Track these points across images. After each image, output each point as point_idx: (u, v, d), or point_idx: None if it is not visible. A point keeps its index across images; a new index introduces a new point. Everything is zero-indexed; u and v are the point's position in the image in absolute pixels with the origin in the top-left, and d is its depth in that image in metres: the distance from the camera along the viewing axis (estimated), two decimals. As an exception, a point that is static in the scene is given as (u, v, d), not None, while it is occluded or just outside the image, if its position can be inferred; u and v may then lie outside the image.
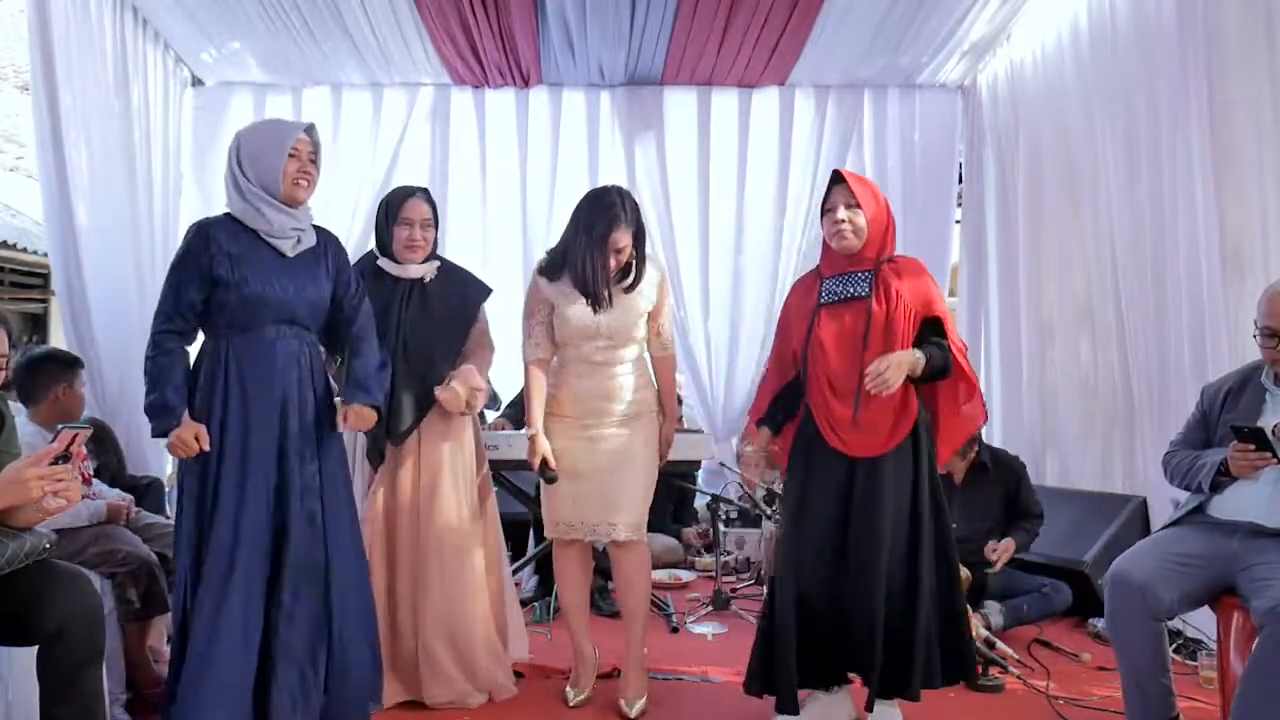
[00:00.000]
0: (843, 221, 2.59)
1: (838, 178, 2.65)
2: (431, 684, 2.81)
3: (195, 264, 2.39)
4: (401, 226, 2.86)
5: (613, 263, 2.74)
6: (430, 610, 2.81)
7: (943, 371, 2.56)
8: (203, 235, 2.42)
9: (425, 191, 2.96)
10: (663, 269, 2.94)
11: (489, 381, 3.08)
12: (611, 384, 2.82)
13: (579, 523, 2.80)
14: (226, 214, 2.48)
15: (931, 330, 2.59)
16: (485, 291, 3.04)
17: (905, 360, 2.47)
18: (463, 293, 2.97)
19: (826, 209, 2.65)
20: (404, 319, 2.84)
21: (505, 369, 3.46)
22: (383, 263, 2.90)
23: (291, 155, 2.43)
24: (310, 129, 2.49)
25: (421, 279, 2.89)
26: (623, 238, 2.73)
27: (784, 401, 2.78)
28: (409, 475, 2.87)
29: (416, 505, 2.85)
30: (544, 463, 2.78)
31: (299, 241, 2.50)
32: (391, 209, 2.89)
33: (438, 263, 2.94)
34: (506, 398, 4.65)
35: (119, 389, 4.09)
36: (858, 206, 2.59)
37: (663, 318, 2.89)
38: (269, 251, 2.45)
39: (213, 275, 2.39)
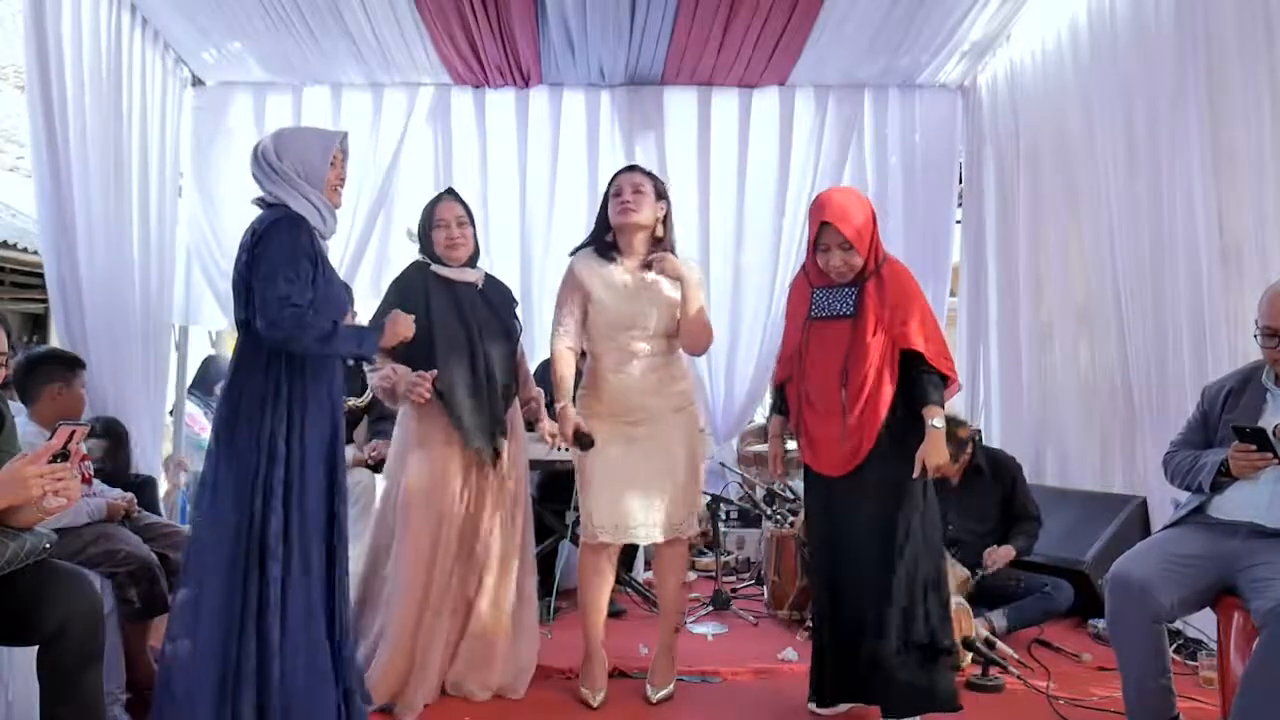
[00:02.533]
0: (839, 267, 2.63)
1: (822, 215, 2.62)
2: (463, 675, 2.88)
3: (308, 258, 2.37)
4: (438, 229, 2.95)
5: (628, 197, 2.83)
6: (480, 609, 2.89)
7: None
8: (307, 230, 2.40)
9: (452, 191, 3.06)
10: (694, 264, 2.97)
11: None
12: (651, 380, 2.85)
13: (617, 526, 2.82)
14: (287, 208, 2.42)
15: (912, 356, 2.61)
16: (515, 300, 3.22)
17: (936, 444, 2.53)
18: (508, 298, 3.12)
19: (820, 247, 2.65)
20: (481, 327, 2.91)
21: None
22: (438, 269, 2.96)
23: (332, 163, 2.49)
24: (345, 138, 2.56)
25: (476, 284, 2.97)
26: (634, 177, 2.88)
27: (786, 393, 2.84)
28: (474, 471, 2.91)
29: (471, 500, 2.91)
30: (577, 430, 2.79)
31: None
32: (426, 218, 2.99)
33: (484, 271, 3.05)
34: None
35: (114, 390, 4.07)
36: (852, 247, 2.61)
37: (690, 297, 2.86)
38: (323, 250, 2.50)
39: (314, 273, 2.39)
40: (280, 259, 2.32)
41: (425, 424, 2.90)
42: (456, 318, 2.89)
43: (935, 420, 2.55)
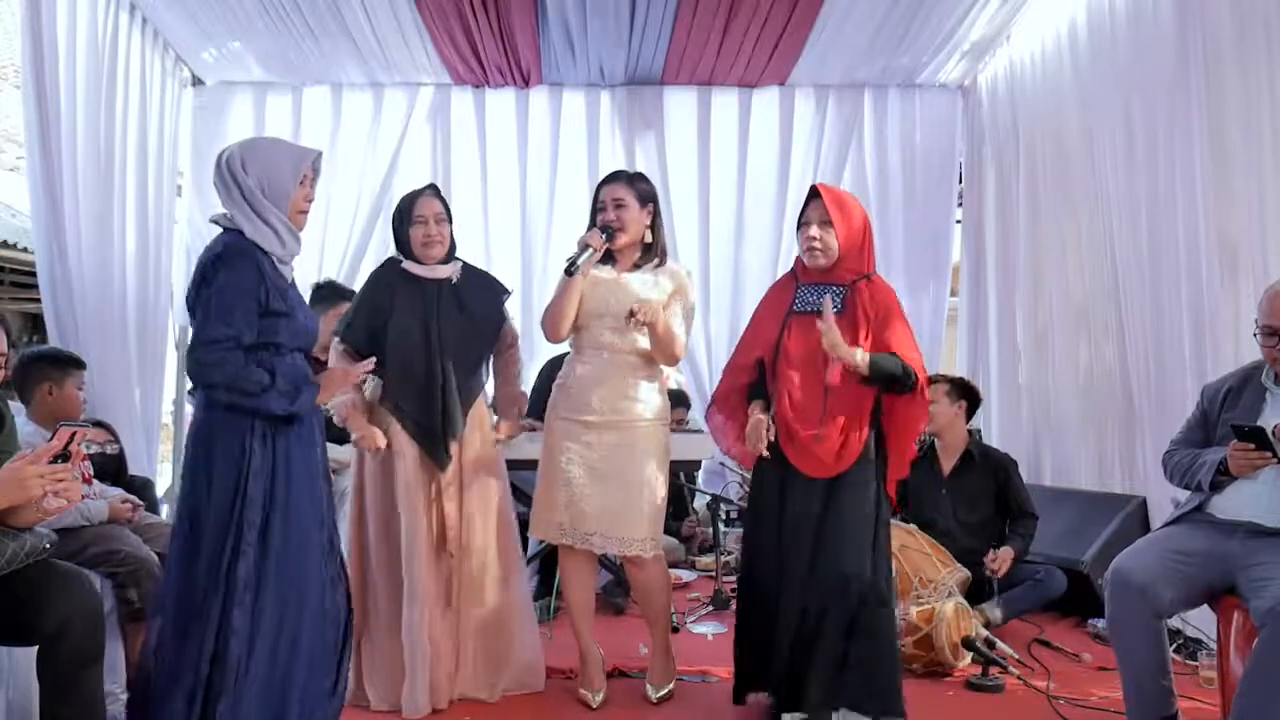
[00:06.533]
0: (814, 239, 2.63)
1: (815, 192, 2.67)
2: (466, 680, 2.87)
3: (254, 298, 2.22)
4: (416, 225, 2.88)
5: (612, 215, 2.81)
6: (462, 606, 2.87)
7: (892, 379, 2.55)
8: (253, 265, 2.23)
9: (434, 188, 2.98)
10: (685, 277, 2.93)
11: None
12: (619, 377, 2.81)
13: (574, 530, 2.80)
14: (240, 235, 2.28)
15: None
16: (506, 291, 3.08)
17: (844, 347, 2.49)
18: (489, 293, 3.01)
19: (801, 222, 2.69)
20: (443, 321, 2.86)
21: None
22: (408, 265, 2.91)
23: (301, 183, 2.33)
24: (319, 157, 2.40)
25: (448, 279, 2.91)
26: (616, 190, 2.84)
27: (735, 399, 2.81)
28: (451, 478, 2.87)
29: (455, 510, 2.87)
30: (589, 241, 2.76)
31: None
32: (404, 212, 2.92)
33: (460, 264, 2.97)
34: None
35: (104, 390, 4.03)
36: (830, 225, 2.62)
37: (668, 313, 2.82)
38: (284, 279, 2.34)
39: (269, 309, 2.23)
40: (223, 299, 2.19)
41: (382, 427, 2.87)
42: (417, 318, 2.84)
43: (859, 353, 2.51)
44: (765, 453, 2.63)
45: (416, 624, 2.77)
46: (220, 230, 2.32)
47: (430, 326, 2.83)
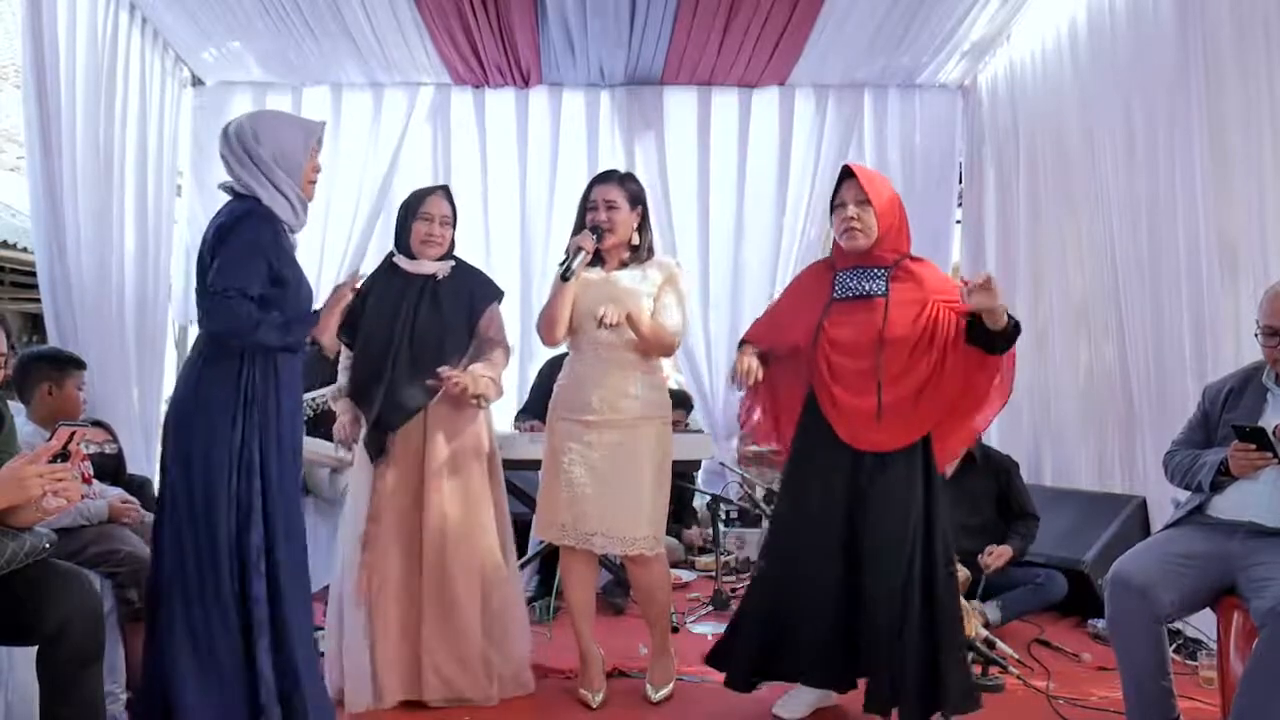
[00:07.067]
0: (853, 218, 2.54)
1: (848, 172, 2.59)
2: (431, 682, 2.81)
3: (266, 259, 2.26)
4: (420, 221, 2.89)
5: (603, 216, 2.80)
6: (430, 606, 2.82)
7: (1008, 339, 2.46)
8: (271, 228, 2.28)
9: (446, 189, 2.99)
10: (674, 266, 2.93)
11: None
12: (617, 375, 2.80)
13: (576, 531, 2.79)
14: (258, 201, 2.32)
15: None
16: (496, 293, 3.03)
17: (1000, 301, 2.37)
18: (472, 291, 2.98)
19: (836, 204, 2.60)
20: (415, 314, 2.84)
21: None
22: (398, 259, 2.92)
23: (310, 154, 2.39)
24: (323, 128, 2.48)
25: (434, 276, 2.90)
26: (608, 191, 2.83)
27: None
28: (414, 469, 2.85)
29: (420, 499, 2.83)
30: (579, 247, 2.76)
31: None
32: (412, 206, 2.93)
33: (453, 262, 2.95)
34: (509, 399, 4.62)
35: (103, 389, 4.03)
36: (868, 203, 2.54)
37: (661, 303, 2.83)
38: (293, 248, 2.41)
39: (279, 275, 2.28)
40: (240, 253, 2.24)
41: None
42: (388, 310, 2.82)
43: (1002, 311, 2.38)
44: (738, 387, 2.67)
45: (350, 621, 2.79)
46: (230, 198, 2.37)
47: (398, 319, 2.82)
